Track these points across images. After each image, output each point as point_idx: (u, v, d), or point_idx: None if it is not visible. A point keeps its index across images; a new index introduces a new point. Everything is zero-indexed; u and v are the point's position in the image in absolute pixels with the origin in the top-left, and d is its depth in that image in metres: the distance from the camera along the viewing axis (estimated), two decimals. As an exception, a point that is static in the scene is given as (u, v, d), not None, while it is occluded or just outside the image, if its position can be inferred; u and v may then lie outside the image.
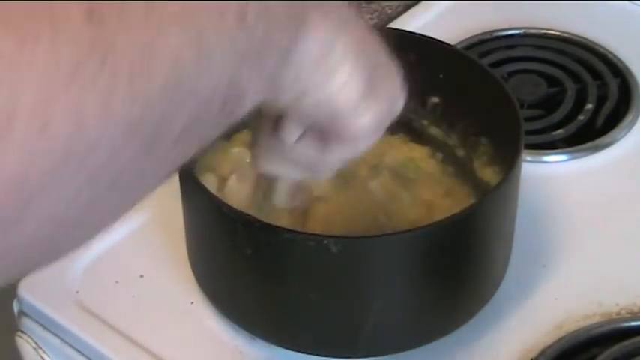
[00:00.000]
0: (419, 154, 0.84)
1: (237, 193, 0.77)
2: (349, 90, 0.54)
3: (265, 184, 0.73)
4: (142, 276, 0.82)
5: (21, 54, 0.34)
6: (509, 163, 0.73)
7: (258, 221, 0.70)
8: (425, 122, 0.84)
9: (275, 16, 0.46)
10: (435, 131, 0.84)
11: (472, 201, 0.78)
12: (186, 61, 0.40)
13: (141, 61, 0.38)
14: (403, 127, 0.84)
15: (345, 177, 0.79)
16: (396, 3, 1.12)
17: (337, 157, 0.59)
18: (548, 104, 0.98)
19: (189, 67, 0.40)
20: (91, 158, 0.37)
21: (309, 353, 0.74)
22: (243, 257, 0.70)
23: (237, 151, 0.80)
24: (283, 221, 0.73)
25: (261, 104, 0.49)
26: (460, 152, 0.83)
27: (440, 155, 0.83)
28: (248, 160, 0.72)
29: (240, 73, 0.44)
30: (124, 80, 0.37)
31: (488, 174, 0.80)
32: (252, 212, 0.69)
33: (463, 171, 0.82)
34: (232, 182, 0.78)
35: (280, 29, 0.47)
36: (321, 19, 0.51)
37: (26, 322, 0.82)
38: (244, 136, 0.78)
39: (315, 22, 0.51)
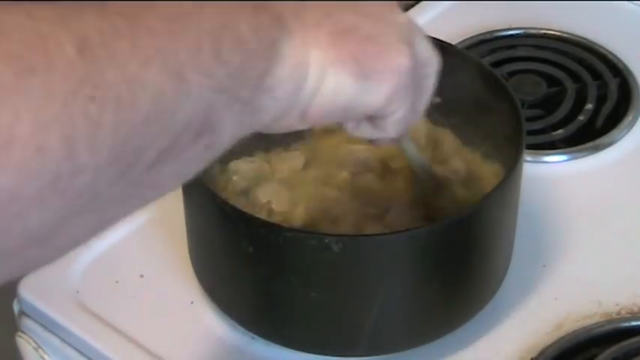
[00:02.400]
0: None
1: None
2: (343, 91, 0.55)
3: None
4: (142, 276, 0.82)
5: (19, 83, 0.38)
6: (510, 163, 0.73)
7: (260, 220, 0.70)
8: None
9: (248, 47, 0.48)
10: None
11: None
12: (166, 93, 0.43)
13: (127, 92, 0.41)
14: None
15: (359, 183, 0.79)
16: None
17: (392, 124, 0.59)
18: (548, 104, 0.98)
19: (169, 99, 0.43)
20: (77, 180, 0.40)
21: (309, 352, 0.74)
22: (244, 256, 0.70)
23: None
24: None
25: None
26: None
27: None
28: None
29: (215, 105, 0.46)
30: (111, 109, 0.41)
31: (489, 174, 0.80)
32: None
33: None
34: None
35: (254, 60, 0.49)
36: (289, 44, 0.51)
37: (26, 322, 0.82)
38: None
39: (285, 48, 0.51)
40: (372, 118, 0.59)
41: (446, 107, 0.83)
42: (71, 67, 0.40)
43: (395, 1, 0.61)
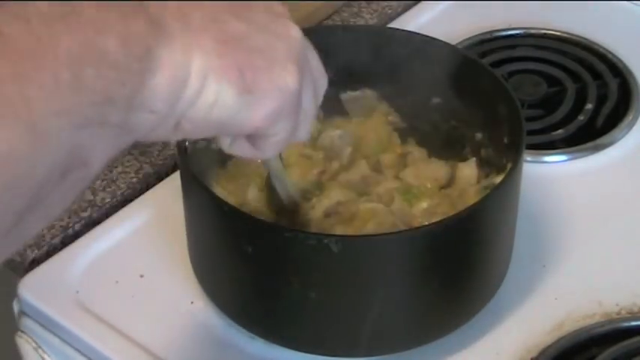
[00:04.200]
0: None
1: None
2: (223, 104, 0.50)
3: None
4: (142, 276, 0.82)
5: None
6: (510, 163, 0.73)
7: (259, 220, 0.70)
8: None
9: (114, 62, 0.43)
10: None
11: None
12: (18, 154, 0.38)
13: None
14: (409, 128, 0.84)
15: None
16: (396, 3, 1.12)
17: (271, 145, 0.56)
18: (548, 104, 0.98)
19: (22, 159, 0.39)
20: None
21: (309, 353, 0.74)
22: (243, 256, 0.70)
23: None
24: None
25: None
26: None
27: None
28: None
29: (81, 140, 0.42)
30: None
31: (490, 174, 0.80)
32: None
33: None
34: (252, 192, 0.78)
35: (122, 76, 0.44)
36: (167, 49, 0.47)
37: (26, 322, 0.82)
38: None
39: (162, 54, 0.46)
40: (250, 137, 0.55)
41: (446, 107, 0.84)
42: None
43: (285, 13, 0.55)
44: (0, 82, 0.38)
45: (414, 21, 1.07)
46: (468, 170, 0.80)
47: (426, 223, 0.73)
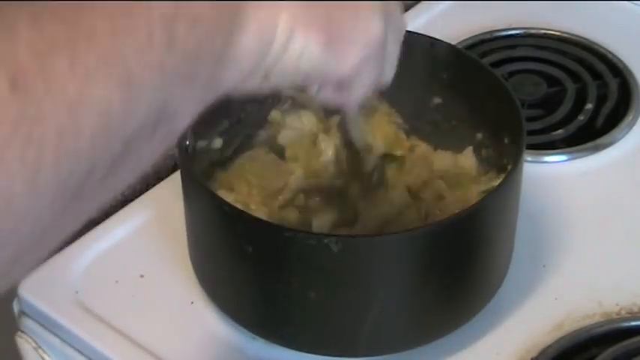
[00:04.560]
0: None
1: None
2: (309, 56, 0.51)
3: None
4: (142, 276, 0.82)
5: None
6: (510, 163, 0.73)
7: (259, 220, 0.70)
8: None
9: (206, 23, 0.44)
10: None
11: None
12: (114, 104, 0.39)
13: (68, 121, 0.37)
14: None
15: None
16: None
17: (357, 91, 0.57)
18: (548, 104, 0.98)
19: (118, 110, 0.40)
20: (18, 234, 0.37)
21: (309, 353, 0.74)
22: (244, 256, 0.70)
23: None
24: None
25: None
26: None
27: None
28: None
29: (172, 94, 0.43)
30: (51, 146, 0.37)
31: (490, 174, 0.80)
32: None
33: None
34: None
35: (213, 35, 0.45)
36: (255, 7, 0.48)
37: (26, 322, 0.82)
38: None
39: (250, 13, 0.47)
40: (337, 84, 0.57)
41: (445, 107, 0.84)
42: (4, 108, 0.36)
43: None
44: (97, 36, 0.39)
45: (414, 21, 1.07)
46: (467, 161, 0.81)
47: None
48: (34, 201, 0.37)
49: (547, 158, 0.92)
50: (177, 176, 0.78)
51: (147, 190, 0.90)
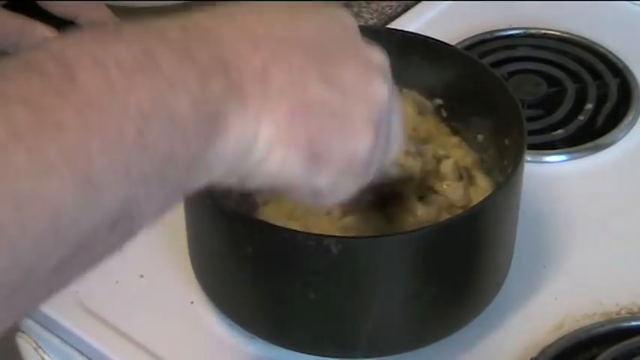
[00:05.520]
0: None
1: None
2: (288, 170, 0.49)
3: None
4: (142, 276, 0.82)
5: None
6: (511, 164, 0.73)
7: (259, 221, 0.70)
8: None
9: (181, 127, 0.41)
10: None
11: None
12: (68, 206, 0.37)
13: (15, 217, 0.35)
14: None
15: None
16: (396, 3, 1.12)
17: (330, 199, 0.54)
18: (548, 104, 0.98)
19: (70, 209, 0.37)
20: None
21: (308, 353, 0.74)
22: (243, 256, 0.70)
23: None
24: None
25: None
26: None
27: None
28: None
29: (136, 195, 0.40)
30: None
31: (491, 174, 0.80)
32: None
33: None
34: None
35: (188, 139, 0.42)
36: (237, 116, 0.45)
37: (26, 322, 0.82)
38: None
39: (231, 121, 0.44)
40: (312, 192, 0.53)
41: (446, 108, 0.84)
42: None
43: (380, 65, 0.53)
44: (63, 130, 0.37)
45: (414, 21, 1.07)
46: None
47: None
48: None
49: (547, 158, 0.92)
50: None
51: (147, 190, 0.90)
